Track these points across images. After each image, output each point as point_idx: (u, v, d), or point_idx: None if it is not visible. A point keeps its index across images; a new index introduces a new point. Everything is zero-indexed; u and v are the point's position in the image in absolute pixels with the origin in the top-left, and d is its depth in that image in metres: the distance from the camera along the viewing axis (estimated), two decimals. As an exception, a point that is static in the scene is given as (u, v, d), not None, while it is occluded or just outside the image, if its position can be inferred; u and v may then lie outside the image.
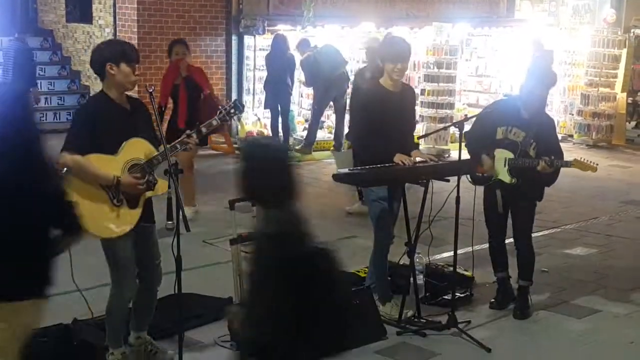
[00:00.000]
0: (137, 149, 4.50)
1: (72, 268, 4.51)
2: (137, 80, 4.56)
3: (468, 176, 5.97)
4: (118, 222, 4.50)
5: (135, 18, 12.86)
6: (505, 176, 5.86)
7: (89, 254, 4.82)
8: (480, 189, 6.05)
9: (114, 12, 13.45)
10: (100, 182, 4.42)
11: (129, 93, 4.68)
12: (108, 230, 4.49)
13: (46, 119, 13.74)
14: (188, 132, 4.70)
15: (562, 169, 5.84)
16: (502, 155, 5.84)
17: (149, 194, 4.59)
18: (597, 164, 5.82)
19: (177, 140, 4.68)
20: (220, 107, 4.86)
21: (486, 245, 6.21)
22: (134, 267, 4.70)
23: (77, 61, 14.95)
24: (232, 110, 4.79)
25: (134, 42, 12.60)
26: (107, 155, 4.44)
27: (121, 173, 4.45)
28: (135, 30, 12.85)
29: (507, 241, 6.19)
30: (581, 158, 5.83)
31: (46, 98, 14.10)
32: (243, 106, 4.88)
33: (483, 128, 5.93)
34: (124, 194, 4.49)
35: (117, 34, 13.30)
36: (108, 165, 4.42)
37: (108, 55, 4.48)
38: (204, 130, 4.73)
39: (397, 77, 5.66)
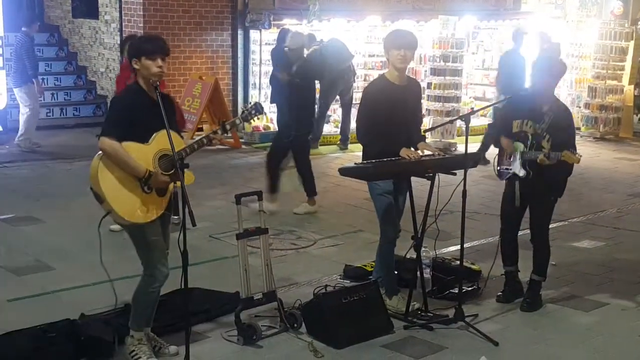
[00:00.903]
0: (167, 140, 4.59)
1: (101, 257, 4.75)
2: (159, 72, 4.67)
3: (495, 170, 5.98)
4: (147, 208, 4.65)
5: (141, 13, 12.86)
6: (518, 169, 5.86)
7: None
8: (489, 183, 6.04)
9: (120, 7, 13.45)
10: (132, 172, 4.58)
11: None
12: (137, 215, 4.63)
13: (52, 115, 13.76)
14: (214, 128, 4.86)
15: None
16: (517, 147, 5.85)
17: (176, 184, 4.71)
18: (581, 155, 5.77)
19: (203, 135, 4.87)
20: (242, 107, 5.09)
21: (493, 239, 6.19)
22: (164, 249, 4.83)
23: (83, 57, 14.97)
24: (254, 112, 5.04)
25: (140, 37, 12.60)
26: (141, 144, 4.61)
27: (152, 162, 4.63)
28: (141, 25, 12.85)
29: (520, 234, 6.17)
30: (570, 150, 5.79)
31: (52, 94, 14.11)
32: (263, 108, 5.16)
33: (501, 121, 5.95)
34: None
35: (123, 29, 13.31)
36: (140, 154, 4.60)
37: (132, 51, 4.76)
38: (228, 127, 4.97)
39: (400, 64, 5.62)
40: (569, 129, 5.94)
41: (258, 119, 5.11)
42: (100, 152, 4.60)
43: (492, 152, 6.70)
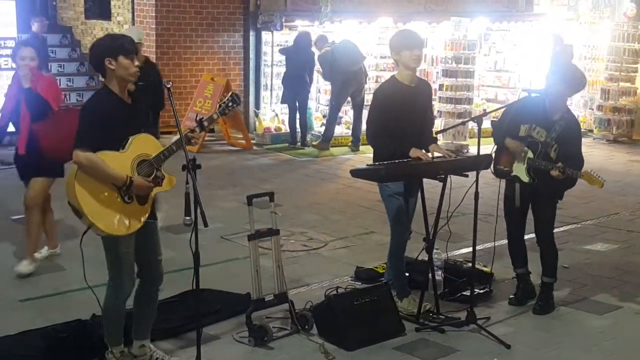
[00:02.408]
0: (144, 144, 4.49)
1: (84, 265, 4.60)
2: (137, 72, 4.51)
3: (491, 168, 5.94)
4: (129, 219, 4.48)
5: (154, 14, 12.90)
6: (523, 175, 5.83)
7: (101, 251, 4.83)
8: (502, 186, 6.01)
9: (132, 8, 13.50)
10: (113, 182, 4.40)
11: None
12: (119, 227, 4.46)
13: (65, 116, 13.80)
14: (190, 126, 4.69)
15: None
16: (525, 152, 5.80)
17: (156, 190, 4.57)
18: (605, 180, 5.74)
19: (178, 137, 4.59)
20: (219, 101, 4.85)
21: (505, 242, 6.16)
22: (134, 263, 4.66)
23: (95, 58, 15.00)
24: (230, 104, 4.78)
25: (152, 38, 12.68)
26: (116, 152, 4.42)
27: (130, 169, 4.44)
28: (154, 26, 12.90)
29: (526, 237, 6.15)
30: (591, 170, 5.75)
31: (65, 94, 14.13)
32: (239, 99, 4.88)
33: (509, 122, 5.89)
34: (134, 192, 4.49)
35: (136, 30, 13.34)
36: (118, 162, 4.40)
37: (105, 50, 4.44)
38: (205, 123, 4.72)
39: (414, 64, 5.63)
40: (577, 141, 5.90)
41: (233, 110, 4.77)
42: (72, 167, 4.39)
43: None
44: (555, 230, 6.13)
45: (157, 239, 4.78)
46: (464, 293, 5.97)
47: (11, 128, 6.68)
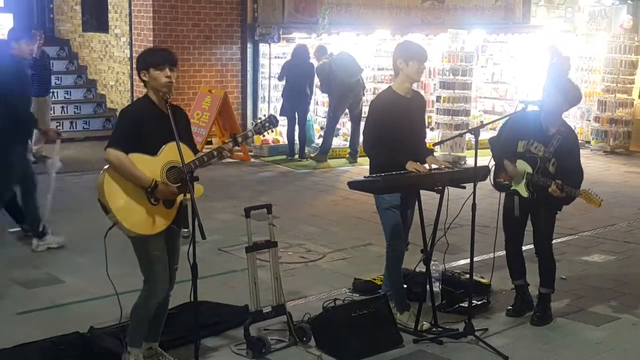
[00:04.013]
0: (176, 152, 4.57)
1: (107, 261, 4.71)
2: (168, 82, 4.63)
3: (490, 180, 5.95)
4: (154, 220, 4.61)
5: (151, 27, 12.93)
6: (522, 190, 5.84)
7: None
8: (499, 197, 6.02)
9: (130, 21, 13.54)
10: (138, 183, 4.55)
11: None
12: (144, 226, 4.59)
13: (62, 128, 13.81)
14: (224, 140, 4.80)
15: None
16: (523, 167, 5.81)
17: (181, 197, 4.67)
18: (602, 200, 5.77)
19: (214, 148, 4.79)
20: (256, 120, 4.98)
21: (503, 253, 6.17)
22: (167, 265, 4.76)
23: (93, 70, 15.05)
24: (267, 124, 4.90)
25: (150, 51, 12.66)
26: (148, 155, 4.58)
27: (159, 174, 4.59)
28: (151, 39, 12.93)
29: (525, 248, 6.16)
30: (589, 190, 5.76)
31: (62, 107, 14.20)
32: (277, 121, 5.01)
33: (505, 138, 5.91)
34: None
35: (133, 42, 13.40)
36: (148, 166, 4.57)
37: (140, 63, 4.69)
38: (239, 139, 4.85)
39: (419, 78, 5.73)
40: (576, 154, 5.91)
41: (272, 131, 4.92)
42: (106, 165, 4.58)
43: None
44: (553, 241, 6.14)
45: (177, 248, 4.89)
46: (462, 304, 5.97)
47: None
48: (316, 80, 12.62)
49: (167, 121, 4.57)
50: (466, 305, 5.73)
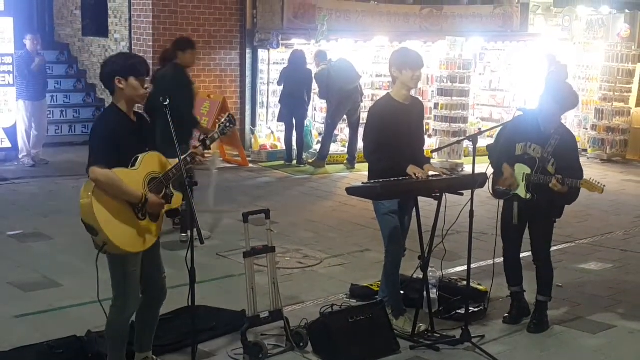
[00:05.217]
0: (153, 162, 4.52)
1: (98, 284, 4.51)
2: (146, 94, 4.56)
3: (489, 189, 5.97)
4: (144, 235, 4.49)
5: (151, 32, 12.96)
6: (522, 191, 5.86)
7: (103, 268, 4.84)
8: (496, 204, 6.03)
9: (130, 25, 13.56)
10: (129, 199, 4.40)
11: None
12: (135, 244, 4.46)
13: (62, 132, 13.85)
14: (195, 144, 4.76)
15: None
16: (521, 170, 5.84)
17: (166, 207, 4.59)
18: (605, 186, 5.78)
19: (187, 154, 4.70)
20: (216, 121, 4.99)
21: (500, 260, 6.18)
22: (139, 282, 4.64)
23: (92, 75, 15.06)
24: (228, 124, 4.91)
25: (149, 55, 12.71)
26: (128, 169, 4.44)
27: (142, 187, 4.45)
28: (151, 44, 12.95)
29: (522, 255, 6.17)
30: (590, 178, 5.79)
31: (62, 111, 14.20)
32: (234, 118, 5.06)
33: (503, 143, 5.94)
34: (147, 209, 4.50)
35: (133, 47, 13.40)
36: (131, 179, 4.41)
37: (117, 69, 4.45)
38: (208, 142, 4.80)
39: (414, 85, 5.73)
40: (574, 153, 5.95)
41: (231, 129, 4.94)
42: (87, 184, 4.40)
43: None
44: (550, 249, 6.15)
45: (159, 254, 4.78)
46: (459, 311, 5.98)
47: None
48: (316, 89, 12.65)
49: (136, 128, 4.50)
50: (463, 312, 5.75)
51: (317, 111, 13.90)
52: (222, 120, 4.90)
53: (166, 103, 4.57)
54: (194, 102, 8.45)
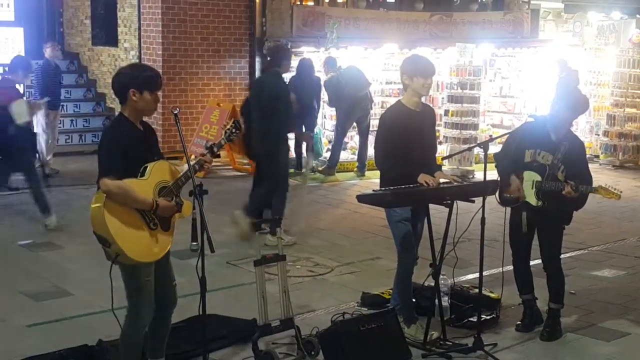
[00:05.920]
0: (163, 171, 4.52)
1: (112, 295, 4.50)
2: (156, 109, 4.61)
3: (497, 197, 5.93)
4: (157, 245, 4.49)
5: (160, 41, 12.99)
6: (532, 198, 5.82)
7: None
8: (508, 211, 5.99)
9: (139, 35, 13.60)
10: (141, 207, 4.40)
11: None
12: (148, 254, 4.46)
13: (72, 141, 13.89)
14: (202, 152, 4.75)
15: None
16: (530, 177, 5.81)
17: (177, 216, 4.60)
18: (622, 192, 5.74)
19: (194, 162, 4.70)
20: (223, 127, 4.95)
21: (511, 267, 6.14)
22: (153, 292, 4.63)
23: (102, 84, 15.12)
24: (234, 130, 4.85)
25: (159, 64, 12.75)
26: (138, 179, 4.44)
27: (153, 196, 4.45)
28: (160, 52, 12.99)
29: (532, 263, 6.13)
30: (606, 184, 5.74)
31: (72, 120, 14.26)
32: (240, 124, 4.96)
33: (512, 150, 5.90)
34: (158, 218, 4.49)
35: (142, 56, 13.44)
36: (141, 188, 4.42)
37: (132, 81, 4.46)
38: (215, 149, 4.78)
39: (426, 92, 5.72)
40: (583, 159, 5.92)
41: (237, 135, 4.92)
42: (97, 196, 4.38)
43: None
44: (562, 256, 6.11)
45: (169, 264, 4.78)
46: (471, 319, 5.95)
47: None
48: (325, 97, 12.62)
49: (143, 138, 4.53)
50: (475, 319, 5.71)
51: (326, 119, 13.88)
52: (228, 126, 4.87)
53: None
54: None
